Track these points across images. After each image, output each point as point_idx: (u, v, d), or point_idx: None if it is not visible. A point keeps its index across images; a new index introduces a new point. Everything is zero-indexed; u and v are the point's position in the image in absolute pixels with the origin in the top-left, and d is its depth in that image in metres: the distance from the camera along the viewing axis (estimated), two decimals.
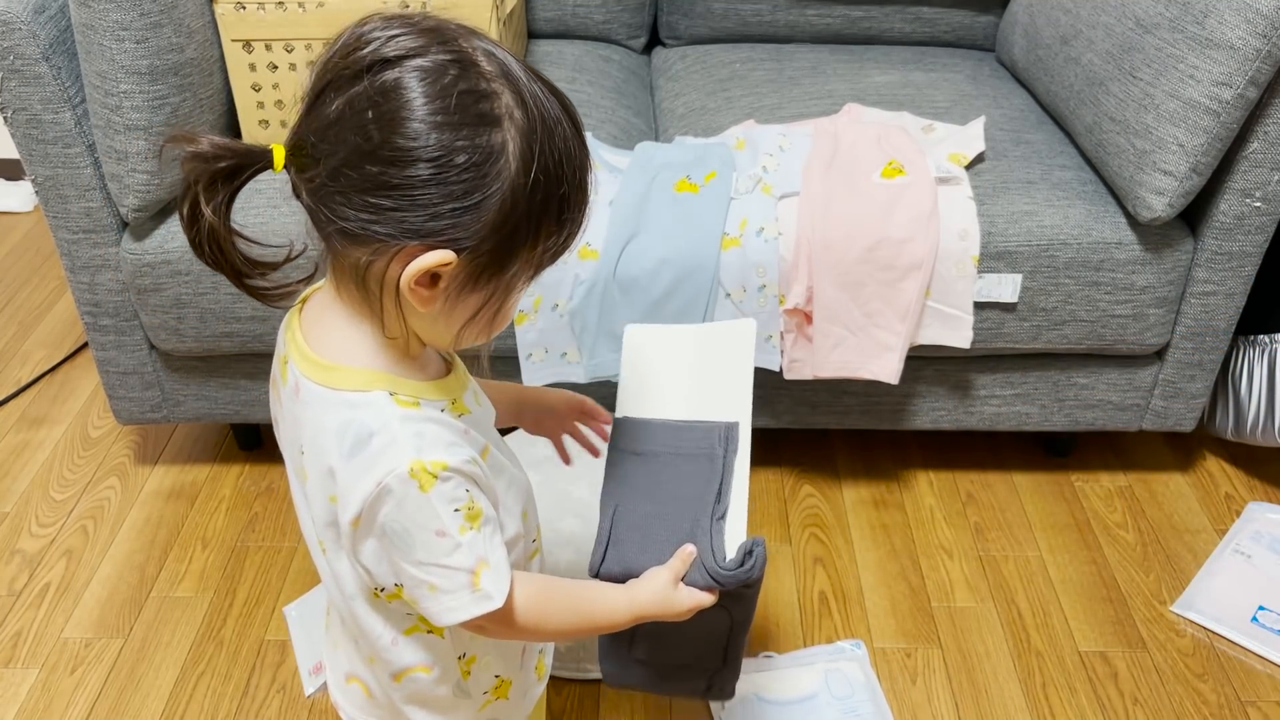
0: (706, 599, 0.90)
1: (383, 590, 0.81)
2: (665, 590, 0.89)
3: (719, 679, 1.04)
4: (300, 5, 1.51)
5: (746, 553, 0.90)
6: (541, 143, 0.69)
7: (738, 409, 0.99)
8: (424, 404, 0.76)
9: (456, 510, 0.74)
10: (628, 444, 1.01)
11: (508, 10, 1.68)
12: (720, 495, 0.94)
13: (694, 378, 1.04)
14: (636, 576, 0.91)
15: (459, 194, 0.68)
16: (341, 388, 0.75)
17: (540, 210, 0.71)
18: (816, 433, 1.88)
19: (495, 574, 0.77)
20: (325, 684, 1.39)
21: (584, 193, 0.74)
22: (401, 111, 0.67)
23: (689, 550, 0.91)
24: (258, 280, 0.76)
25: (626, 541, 0.94)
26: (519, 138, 0.69)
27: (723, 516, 0.93)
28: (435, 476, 0.73)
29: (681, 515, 0.94)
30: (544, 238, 0.73)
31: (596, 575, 0.94)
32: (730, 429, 0.97)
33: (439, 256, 0.69)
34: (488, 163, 0.68)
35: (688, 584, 0.90)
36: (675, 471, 0.97)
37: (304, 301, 0.82)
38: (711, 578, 0.89)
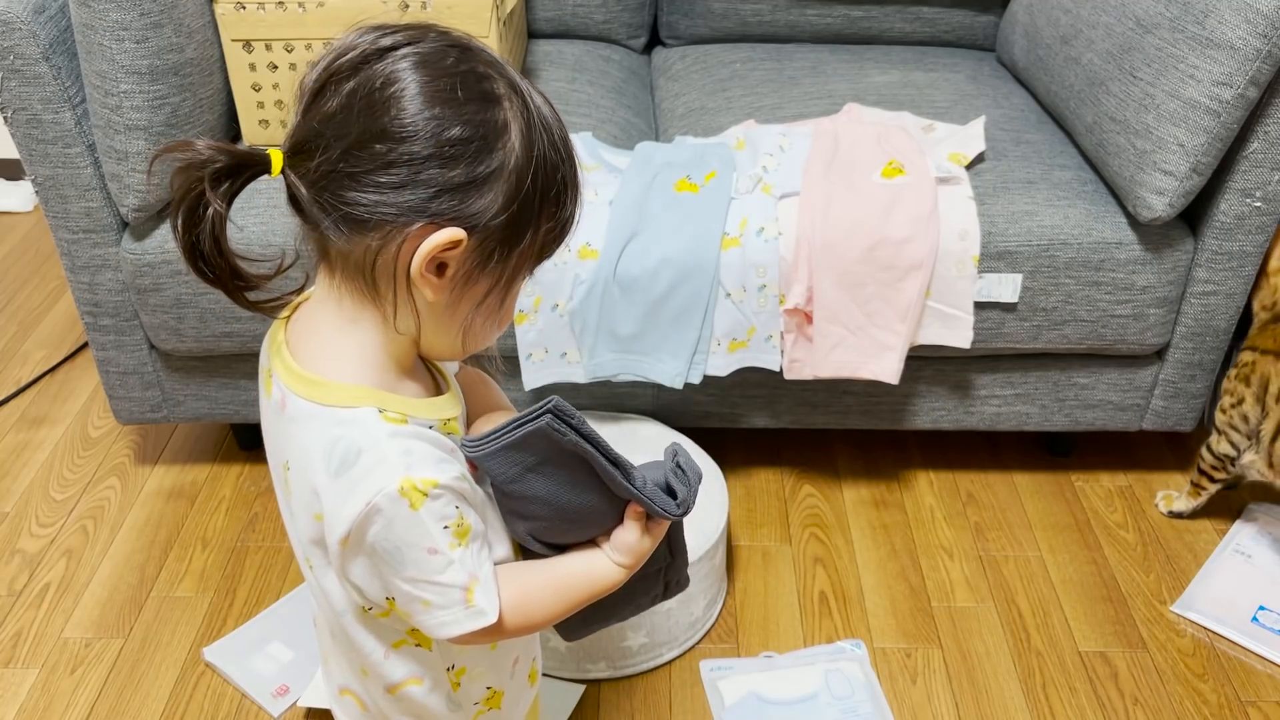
0: (663, 529, 0.85)
1: (371, 609, 0.80)
2: (639, 546, 0.83)
3: (672, 573, 0.96)
4: (300, 5, 1.51)
5: (675, 467, 0.82)
6: (539, 126, 0.72)
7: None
8: (412, 421, 0.75)
9: (446, 527, 0.74)
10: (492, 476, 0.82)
11: (508, 10, 1.68)
12: (622, 469, 0.81)
13: None
14: (594, 536, 0.84)
15: (465, 170, 0.69)
16: (329, 403, 0.74)
17: (543, 191, 0.72)
18: (816, 433, 1.87)
19: (486, 589, 0.77)
20: (295, 703, 1.39)
21: (578, 181, 0.76)
22: (407, 90, 0.68)
23: (638, 512, 0.82)
24: (255, 293, 0.76)
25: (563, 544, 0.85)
26: (519, 118, 0.71)
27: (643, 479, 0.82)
28: (426, 494, 0.72)
29: (599, 512, 0.84)
30: (545, 220, 0.74)
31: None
32: (557, 406, 0.76)
33: (450, 234, 0.69)
34: (492, 137, 0.69)
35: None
36: (551, 480, 0.81)
37: (291, 312, 0.81)
38: (669, 512, 0.81)
